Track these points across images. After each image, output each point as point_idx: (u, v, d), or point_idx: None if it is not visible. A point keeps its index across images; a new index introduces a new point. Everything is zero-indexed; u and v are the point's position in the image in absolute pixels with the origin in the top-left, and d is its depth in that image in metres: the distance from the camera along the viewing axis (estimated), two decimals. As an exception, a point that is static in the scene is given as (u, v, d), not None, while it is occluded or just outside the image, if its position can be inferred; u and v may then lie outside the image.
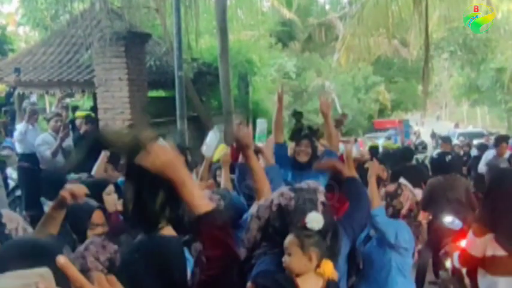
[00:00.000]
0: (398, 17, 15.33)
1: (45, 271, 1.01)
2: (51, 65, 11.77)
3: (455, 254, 4.07)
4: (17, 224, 2.83)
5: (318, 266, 2.25)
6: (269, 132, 4.59)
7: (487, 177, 6.87)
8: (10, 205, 7.80)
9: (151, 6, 12.89)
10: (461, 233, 5.15)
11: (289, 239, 2.27)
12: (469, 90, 32.72)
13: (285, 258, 2.25)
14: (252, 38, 19.91)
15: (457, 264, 4.11)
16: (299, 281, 2.23)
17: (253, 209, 2.66)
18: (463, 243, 4.91)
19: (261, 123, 3.69)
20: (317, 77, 28.37)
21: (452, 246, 4.84)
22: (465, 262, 3.75)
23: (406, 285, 3.49)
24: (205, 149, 3.83)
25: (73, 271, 0.97)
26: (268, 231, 2.41)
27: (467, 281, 4.48)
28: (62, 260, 0.95)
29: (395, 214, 3.62)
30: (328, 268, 2.26)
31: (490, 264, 3.43)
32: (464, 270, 4.43)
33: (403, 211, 3.60)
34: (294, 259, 2.23)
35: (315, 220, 2.24)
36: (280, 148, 4.35)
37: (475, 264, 3.57)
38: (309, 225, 2.23)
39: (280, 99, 4.51)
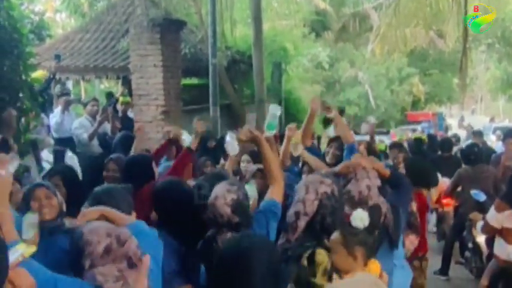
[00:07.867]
0: (436, 8, 15.00)
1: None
2: (87, 51, 11.96)
3: (479, 224, 4.95)
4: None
5: (365, 264, 2.17)
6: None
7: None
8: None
9: (187, -6, 12.94)
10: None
11: (335, 236, 2.19)
12: (506, 84, 31.87)
13: (332, 256, 2.17)
14: (286, 28, 19.76)
15: (479, 231, 5.07)
16: (346, 278, 2.14)
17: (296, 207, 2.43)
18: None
19: (273, 109, 3.30)
20: (350, 68, 28.00)
21: (475, 216, 5.67)
22: (486, 230, 4.69)
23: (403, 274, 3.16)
24: (229, 148, 3.54)
25: None
26: (316, 227, 2.30)
27: (485, 255, 5.65)
28: None
29: None
30: (375, 268, 2.19)
31: (506, 234, 4.35)
32: (483, 240, 5.55)
33: None
34: (339, 258, 2.16)
35: (359, 218, 2.18)
36: (310, 150, 4.38)
37: (493, 233, 4.54)
38: (353, 224, 2.18)
39: (312, 112, 4.24)
